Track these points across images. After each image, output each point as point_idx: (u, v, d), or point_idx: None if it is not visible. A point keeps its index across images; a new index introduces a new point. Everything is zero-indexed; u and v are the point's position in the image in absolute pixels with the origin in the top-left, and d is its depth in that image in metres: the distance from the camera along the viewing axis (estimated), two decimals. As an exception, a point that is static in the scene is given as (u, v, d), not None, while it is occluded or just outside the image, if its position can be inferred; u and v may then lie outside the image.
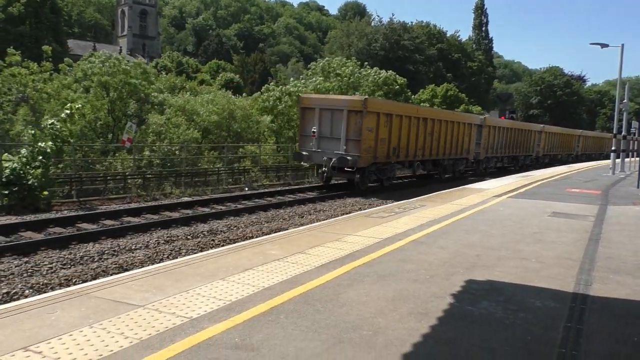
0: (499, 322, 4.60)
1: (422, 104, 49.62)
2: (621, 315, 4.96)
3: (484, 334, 4.33)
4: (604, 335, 4.40)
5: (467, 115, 33.20)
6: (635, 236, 8.99)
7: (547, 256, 7.21)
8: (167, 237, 11.43)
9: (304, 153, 19.89)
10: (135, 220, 13.15)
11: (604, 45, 27.87)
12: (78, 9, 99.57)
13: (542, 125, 41.74)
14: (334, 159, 18.85)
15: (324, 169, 19.62)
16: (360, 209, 15.97)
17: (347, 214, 14.26)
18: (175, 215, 14.10)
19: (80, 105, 17.18)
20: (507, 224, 9.79)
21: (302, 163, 21.77)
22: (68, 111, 15.89)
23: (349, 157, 18.64)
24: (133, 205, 15.33)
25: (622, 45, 26.65)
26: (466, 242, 8.01)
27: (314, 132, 19.56)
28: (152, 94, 27.36)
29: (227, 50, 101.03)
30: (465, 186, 18.91)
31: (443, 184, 22.87)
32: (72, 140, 18.21)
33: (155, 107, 27.13)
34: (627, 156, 31.82)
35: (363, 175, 19.57)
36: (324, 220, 12.72)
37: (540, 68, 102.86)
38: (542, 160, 39.87)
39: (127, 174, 19.44)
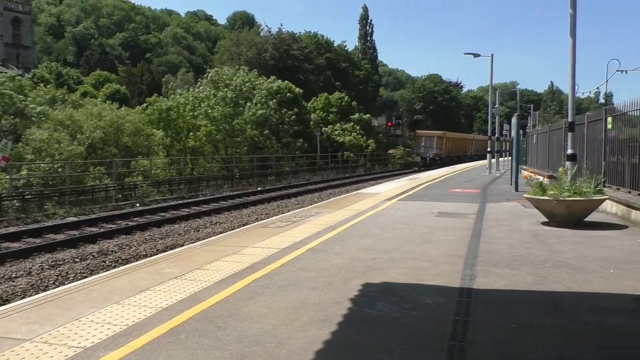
0: (395, 322, 4.83)
1: (316, 111, 51.09)
2: (501, 304, 5.40)
3: (382, 334, 4.53)
4: (488, 324, 4.78)
5: (468, 135, 70.22)
6: (510, 230, 9.82)
7: (435, 255, 7.67)
8: (52, 261, 10.72)
9: (419, 152, 55.58)
10: (14, 245, 12.18)
11: (476, 55, 30.25)
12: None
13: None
14: (431, 155, 54.18)
15: (427, 159, 53.86)
16: (257, 220, 15.97)
17: (244, 225, 14.20)
18: (61, 237, 13.25)
19: None
20: (398, 227, 10.26)
21: (416, 158, 56.12)
22: None
23: (437, 154, 54.39)
24: (11, 229, 14.19)
25: (492, 55, 29.21)
26: (361, 246, 8.31)
27: (423, 145, 55.48)
28: (30, 106, 25.45)
29: (111, 60, 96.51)
30: (359, 191, 19.58)
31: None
32: None
33: (34, 119, 25.24)
34: (501, 156, 34.72)
35: (441, 160, 52.71)
36: (220, 233, 12.57)
37: (422, 76, 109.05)
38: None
39: (2, 195, 17.91)
